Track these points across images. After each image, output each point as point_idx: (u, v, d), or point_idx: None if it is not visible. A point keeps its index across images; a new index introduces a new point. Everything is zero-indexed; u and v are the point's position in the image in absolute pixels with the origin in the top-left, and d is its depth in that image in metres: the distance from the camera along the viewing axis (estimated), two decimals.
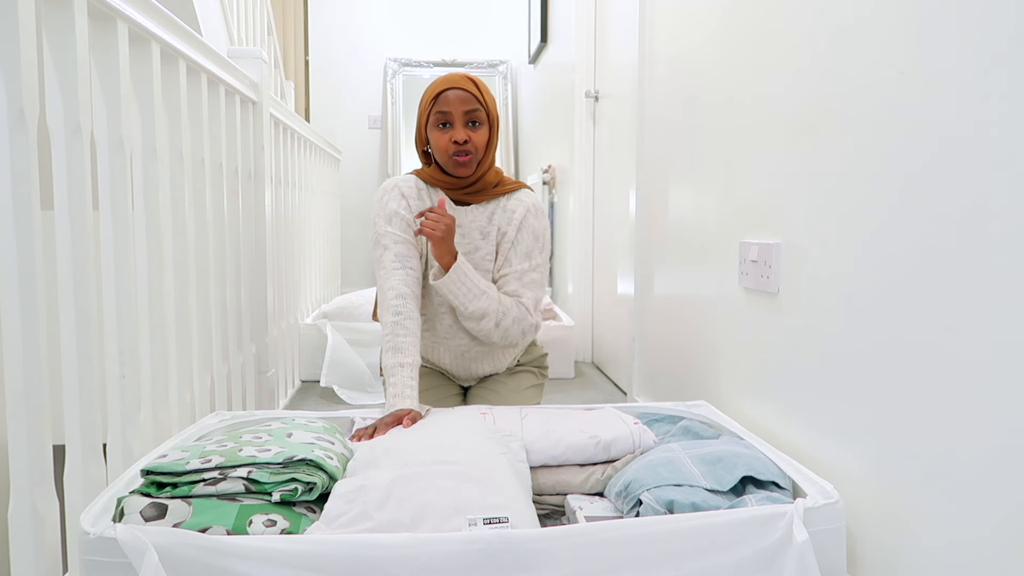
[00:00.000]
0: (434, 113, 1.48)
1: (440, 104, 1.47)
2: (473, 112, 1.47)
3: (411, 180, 1.58)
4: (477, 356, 1.62)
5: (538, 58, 3.98)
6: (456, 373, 1.69)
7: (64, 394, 1.01)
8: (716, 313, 1.52)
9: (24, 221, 0.89)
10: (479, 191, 1.56)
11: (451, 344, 1.61)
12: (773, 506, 0.90)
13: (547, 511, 1.16)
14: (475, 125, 1.49)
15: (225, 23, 2.78)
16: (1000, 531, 0.76)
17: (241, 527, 0.88)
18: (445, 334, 1.59)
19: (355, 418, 1.36)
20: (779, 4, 1.23)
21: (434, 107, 1.48)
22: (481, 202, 1.57)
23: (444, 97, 1.47)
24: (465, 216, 1.56)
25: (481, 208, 1.57)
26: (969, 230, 0.80)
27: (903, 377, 0.91)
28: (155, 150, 1.26)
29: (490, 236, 1.55)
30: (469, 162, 1.48)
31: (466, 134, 1.47)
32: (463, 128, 1.47)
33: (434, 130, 1.49)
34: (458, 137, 1.46)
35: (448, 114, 1.47)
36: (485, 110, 1.49)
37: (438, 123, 1.48)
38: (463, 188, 1.55)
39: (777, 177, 1.24)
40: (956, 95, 0.81)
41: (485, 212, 1.56)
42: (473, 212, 1.56)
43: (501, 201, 1.57)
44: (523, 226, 1.55)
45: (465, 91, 1.48)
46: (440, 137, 1.48)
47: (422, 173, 1.59)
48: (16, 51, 0.87)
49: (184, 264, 1.39)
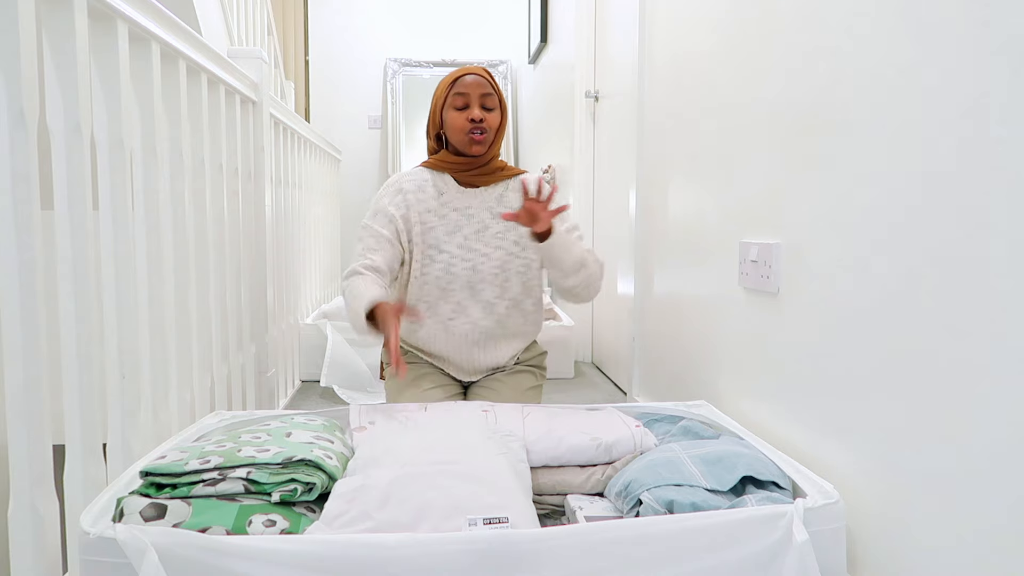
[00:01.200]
0: (452, 96, 1.61)
1: (458, 87, 1.61)
2: (488, 96, 1.61)
3: (416, 173, 1.68)
4: (481, 341, 1.64)
5: (538, 58, 3.98)
6: (458, 363, 1.69)
7: (64, 394, 1.01)
8: (716, 313, 1.53)
9: (24, 221, 0.89)
10: (488, 172, 1.66)
11: (456, 327, 1.63)
12: (773, 506, 0.90)
13: (547, 511, 1.16)
14: (489, 109, 1.62)
15: (225, 23, 2.78)
16: (1000, 531, 0.76)
17: (241, 527, 0.88)
18: (450, 315, 1.63)
19: (353, 411, 1.34)
20: (779, 4, 1.23)
21: (452, 90, 1.61)
22: (488, 184, 1.67)
23: (462, 81, 1.61)
24: (474, 198, 1.65)
25: (489, 190, 1.67)
26: (969, 230, 0.80)
27: (903, 377, 0.91)
28: (155, 150, 1.26)
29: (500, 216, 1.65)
30: (484, 140, 1.61)
31: (482, 114, 1.60)
32: (479, 109, 1.60)
33: (451, 111, 1.62)
34: (475, 116, 1.59)
35: (466, 96, 1.60)
36: (498, 97, 1.63)
37: (455, 105, 1.61)
38: (473, 169, 1.65)
39: (777, 177, 1.24)
40: (956, 95, 0.81)
41: (494, 193, 1.67)
42: (482, 194, 1.66)
43: (508, 183, 1.68)
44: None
45: (482, 77, 1.63)
46: (457, 117, 1.61)
47: (430, 162, 1.69)
48: (16, 51, 0.87)
49: (184, 264, 1.39)
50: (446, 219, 1.63)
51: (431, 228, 1.62)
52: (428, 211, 1.63)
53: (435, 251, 1.62)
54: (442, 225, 1.63)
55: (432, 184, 1.66)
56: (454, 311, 1.63)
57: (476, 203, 1.65)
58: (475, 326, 1.63)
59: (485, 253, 1.63)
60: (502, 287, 1.64)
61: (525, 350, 1.75)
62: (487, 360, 1.69)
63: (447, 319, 1.63)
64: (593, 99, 2.93)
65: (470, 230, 1.63)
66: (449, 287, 1.62)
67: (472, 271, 1.62)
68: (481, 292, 1.63)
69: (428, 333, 1.66)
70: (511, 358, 1.72)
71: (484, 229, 1.64)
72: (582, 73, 2.95)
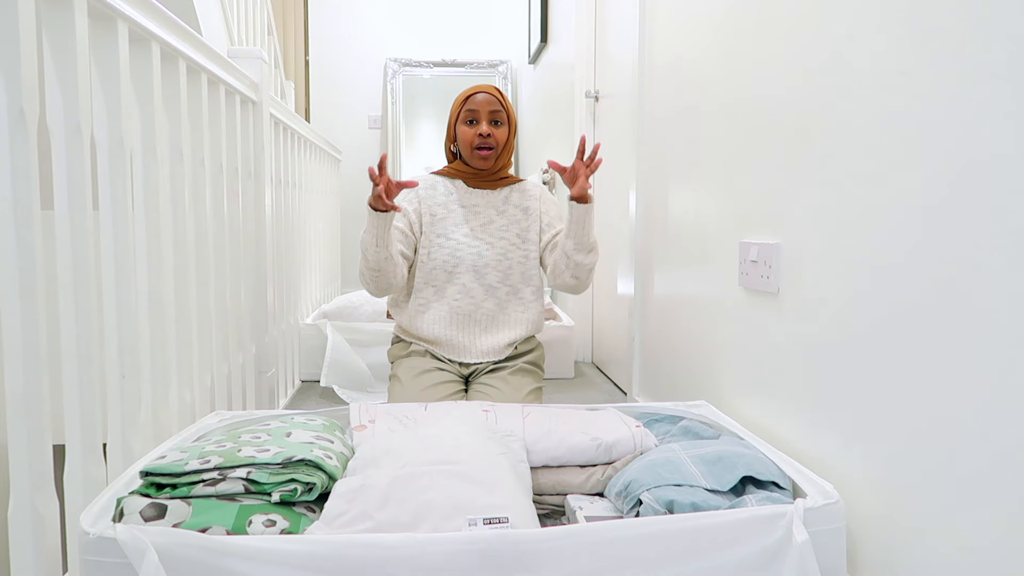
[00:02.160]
0: (464, 111, 1.80)
1: (470, 104, 1.80)
2: (496, 113, 1.80)
3: (428, 178, 1.88)
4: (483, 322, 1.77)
5: (538, 58, 3.98)
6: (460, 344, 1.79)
7: (64, 394, 1.01)
8: (716, 313, 1.53)
9: (24, 221, 0.89)
10: (495, 180, 1.87)
11: (462, 304, 1.79)
12: (773, 506, 0.90)
13: (547, 511, 1.16)
14: (497, 124, 1.81)
15: (225, 23, 2.78)
16: (1000, 531, 0.76)
17: (241, 527, 0.88)
18: (455, 296, 1.80)
19: (353, 409, 1.34)
20: (779, 4, 1.23)
21: (464, 106, 1.80)
22: (496, 188, 1.87)
23: (473, 99, 1.80)
24: (481, 197, 1.86)
25: (495, 192, 1.87)
26: (969, 230, 0.80)
27: (904, 377, 0.91)
28: (155, 150, 1.25)
29: (506, 213, 1.85)
30: (490, 156, 1.81)
31: (489, 129, 1.79)
32: (488, 125, 1.79)
33: (462, 125, 1.81)
34: (483, 131, 1.78)
35: (476, 112, 1.79)
36: (506, 114, 1.81)
37: (466, 119, 1.80)
38: (481, 177, 1.85)
39: (777, 177, 1.24)
40: (956, 95, 0.81)
41: (500, 195, 1.87)
42: (489, 195, 1.86)
43: (513, 187, 1.89)
44: (543, 198, 1.88)
45: (491, 95, 1.81)
46: (467, 131, 1.80)
47: (443, 170, 1.90)
48: (16, 51, 0.87)
49: (184, 264, 1.39)
50: (454, 212, 1.82)
51: (440, 219, 1.81)
52: (438, 205, 1.83)
53: (443, 239, 1.80)
54: (450, 216, 1.82)
55: (443, 185, 1.86)
56: (459, 292, 1.79)
57: (483, 202, 1.85)
58: (478, 306, 1.79)
59: (489, 243, 1.81)
60: (504, 273, 1.81)
61: (524, 341, 1.84)
62: (488, 342, 1.79)
63: (453, 299, 1.79)
64: (593, 99, 2.93)
65: (476, 223, 1.82)
66: (455, 270, 1.79)
67: (477, 256, 1.79)
68: (485, 276, 1.80)
69: (434, 315, 1.80)
70: (509, 344, 1.81)
71: (489, 223, 1.83)
72: (582, 73, 2.95)
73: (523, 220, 1.85)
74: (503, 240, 1.82)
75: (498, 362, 1.81)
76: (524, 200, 1.86)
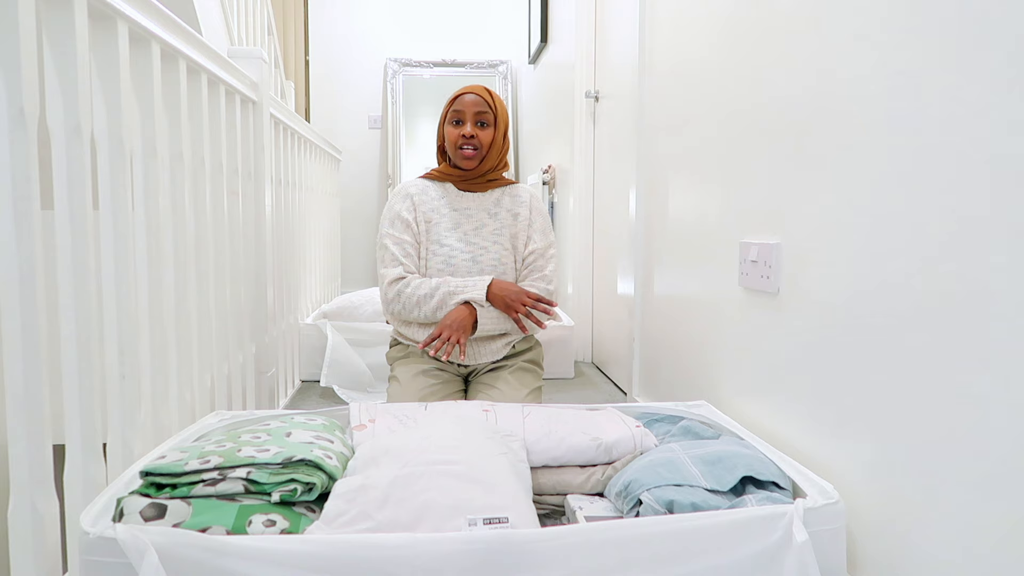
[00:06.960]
0: (451, 112, 1.80)
1: (456, 104, 1.79)
2: (482, 114, 1.78)
3: (418, 182, 1.87)
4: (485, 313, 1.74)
5: (538, 58, 3.98)
6: None
7: (64, 394, 1.00)
8: (716, 313, 1.52)
9: (24, 221, 0.89)
10: (484, 182, 1.86)
11: None
12: (773, 506, 0.90)
13: (547, 511, 1.16)
14: (483, 126, 1.79)
15: (225, 23, 2.78)
16: (1000, 531, 0.76)
17: (241, 527, 0.88)
18: None
19: (353, 408, 1.33)
20: (779, 4, 1.23)
21: (451, 107, 1.80)
22: (485, 191, 1.87)
23: (461, 99, 1.79)
24: (472, 200, 1.86)
25: (487, 195, 1.87)
26: (969, 229, 0.80)
27: (904, 377, 0.90)
28: (155, 150, 1.25)
29: (497, 216, 1.84)
30: (473, 156, 1.80)
31: (474, 131, 1.78)
32: (472, 126, 1.78)
33: (449, 126, 1.81)
34: (466, 132, 1.77)
35: (461, 113, 1.78)
36: (494, 115, 1.80)
37: (452, 120, 1.80)
38: (469, 180, 1.85)
39: (777, 177, 1.24)
40: (955, 95, 0.81)
41: (491, 198, 1.87)
42: (480, 198, 1.86)
43: (504, 190, 1.88)
44: (533, 207, 1.87)
45: (479, 96, 1.79)
46: (452, 132, 1.80)
47: (430, 174, 1.90)
48: (16, 51, 0.87)
49: (184, 264, 1.39)
50: (447, 217, 1.82)
51: (435, 224, 1.81)
52: (432, 210, 1.82)
53: (437, 245, 1.79)
54: (444, 221, 1.81)
55: (434, 189, 1.86)
56: None
57: (475, 205, 1.85)
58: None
59: (484, 247, 1.81)
60: (500, 277, 1.80)
61: (522, 340, 1.84)
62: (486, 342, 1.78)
63: None
64: (593, 99, 2.93)
65: (469, 227, 1.82)
66: (453, 275, 1.78)
67: (472, 262, 1.79)
68: None
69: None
70: (507, 344, 1.80)
71: (482, 226, 1.83)
72: (582, 73, 2.95)
73: (513, 225, 1.84)
74: (497, 244, 1.81)
75: (497, 361, 1.81)
76: (515, 206, 1.86)
